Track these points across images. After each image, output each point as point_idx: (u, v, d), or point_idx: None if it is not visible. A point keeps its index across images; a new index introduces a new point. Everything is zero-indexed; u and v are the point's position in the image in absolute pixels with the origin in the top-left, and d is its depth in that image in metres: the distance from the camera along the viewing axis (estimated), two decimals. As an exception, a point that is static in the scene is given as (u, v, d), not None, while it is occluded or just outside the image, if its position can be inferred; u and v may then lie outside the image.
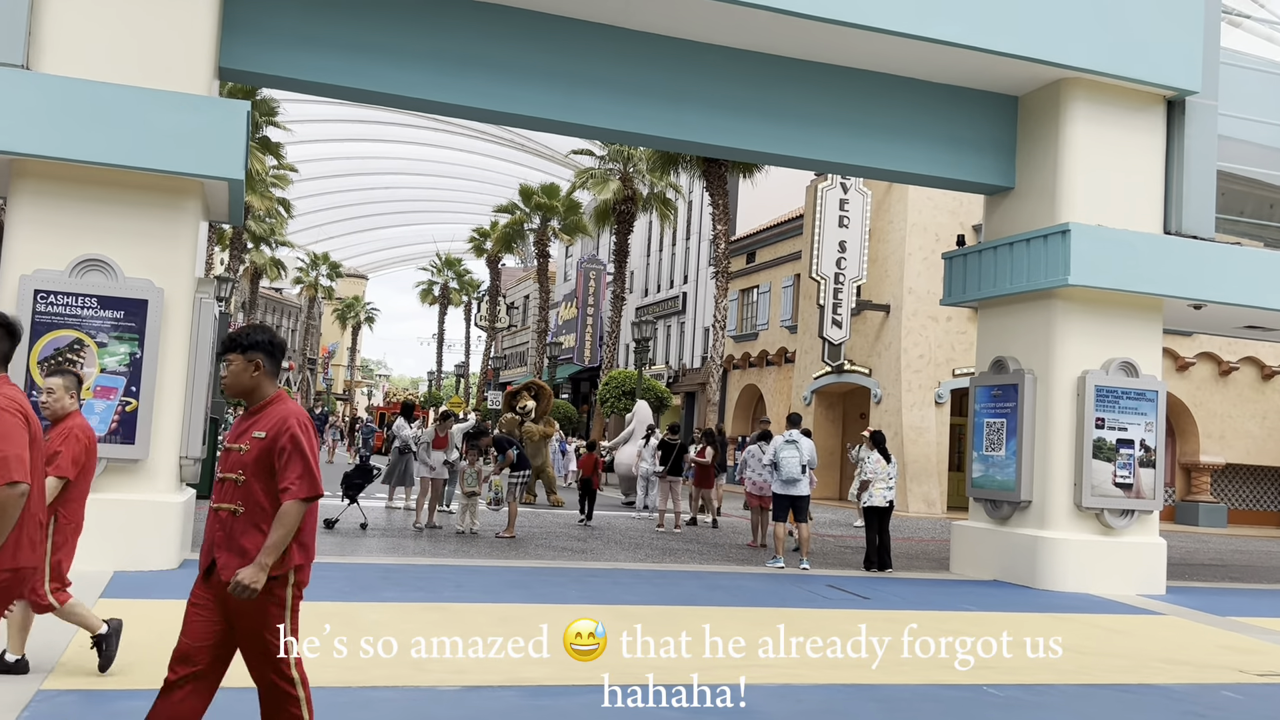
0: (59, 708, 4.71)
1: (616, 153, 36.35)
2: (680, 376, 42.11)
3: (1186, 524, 27.50)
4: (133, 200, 9.10)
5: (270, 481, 3.69)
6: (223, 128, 9.07)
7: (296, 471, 3.66)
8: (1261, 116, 12.60)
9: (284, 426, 3.72)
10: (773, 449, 12.65)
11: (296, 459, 3.68)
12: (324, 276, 79.55)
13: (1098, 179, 11.67)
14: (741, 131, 11.50)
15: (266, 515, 3.68)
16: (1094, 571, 11.26)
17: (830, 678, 6.35)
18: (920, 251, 26.25)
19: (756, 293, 36.53)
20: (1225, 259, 11.93)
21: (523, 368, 61.10)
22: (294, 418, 3.75)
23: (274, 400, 3.83)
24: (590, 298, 49.85)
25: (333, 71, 10.22)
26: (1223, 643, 8.57)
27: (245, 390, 3.82)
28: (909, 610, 9.21)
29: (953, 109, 12.13)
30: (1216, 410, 28.16)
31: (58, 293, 8.74)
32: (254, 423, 3.77)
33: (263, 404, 3.82)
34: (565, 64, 10.78)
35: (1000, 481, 12.04)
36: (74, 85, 8.66)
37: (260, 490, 3.70)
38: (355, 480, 14.22)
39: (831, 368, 28.02)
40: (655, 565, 11.88)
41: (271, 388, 3.84)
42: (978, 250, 12.81)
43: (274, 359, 3.85)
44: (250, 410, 3.83)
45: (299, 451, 3.68)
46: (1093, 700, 6.22)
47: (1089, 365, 11.61)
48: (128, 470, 8.92)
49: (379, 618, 7.25)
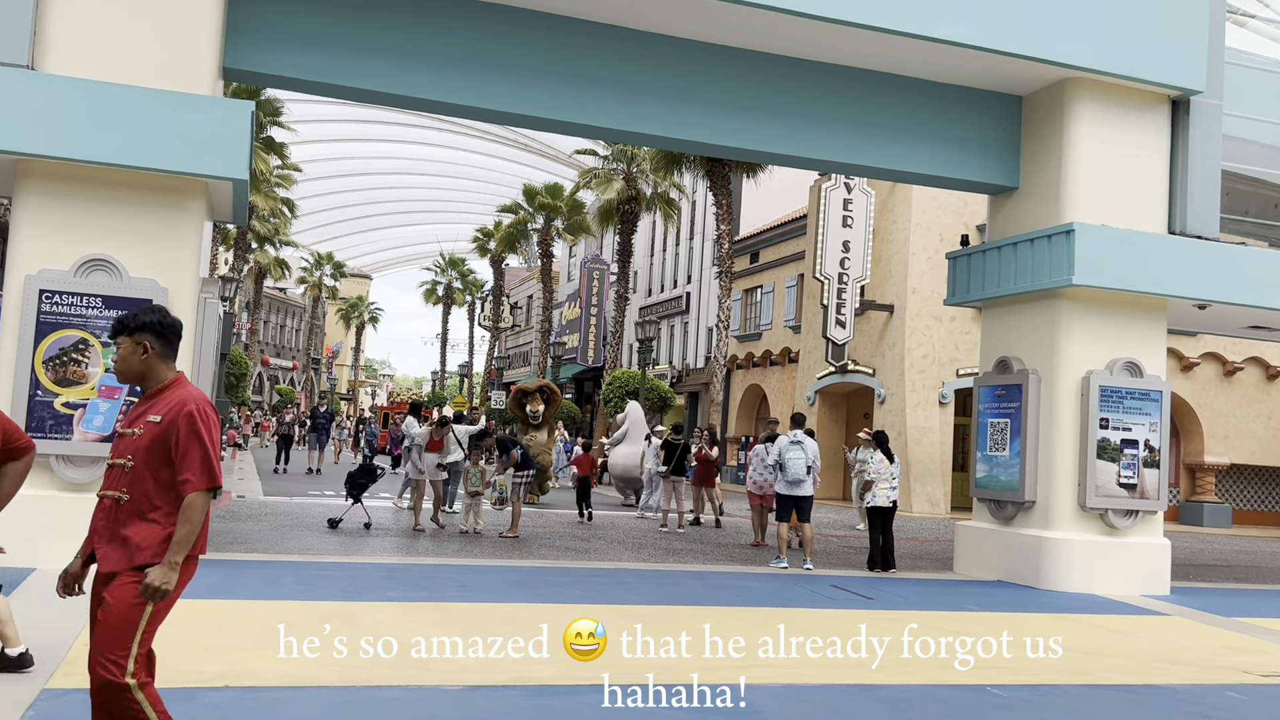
0: (64, 706, 4.71)
1: (620, 152, 36.35)
2: (684, 376, 42.09)
3: (1191, 524, 27.44)
4: (137, 200, 9.11)
5: (161, 470, 3.50)
6: (227, 128, 9.09)
7: (196, 461, 3.47)
8: (1266, 116, 12.57)
9: (181, 411, 3.51)
10: (777, 449, 12.60)
11: (195, 447, 3.48)
12: (328, 276, 79.54)
13: (1102, 179, 11.65)
14: (746, 131, 11.50)
15: (152, 505, 3.49)
16: (1098, 572, 11.25)
17: (833, 678, 6.34)
18: (924, 251, 26.23)
19: (760, 293, 36.51)
20: (1230, 259, 11.90)
21: (526, 367, 61.12)
22: (193, 402, 3.54)
23: (172, 384, 3.64)
24: (594, 298, 49.85)
25: (337, 72, 10.24)
26: (1227, 643, 8.56)
27: (136, 374, 3.64)
28: (913, 610, 9.20)
29: (957, 109, 12.12)
30: (1221, 410, 28.11)
31: (63, 292, 8.76)
32: (150, 407, 3.58)
33: (160, 388, 3.63)
34: (569, 64, 10.79)
35: (1004, 482, 12.02)
36: (79, 85, 8.68)
37: (149, 478, 3.50)
38: (359, 480, 14.23)
39: (835, 368, 28.00)
40: (658, 565, 11.88)
41: (167, 371, 3.66)
42: (982, 250, 12.80)
43: (165, 340, 3.65)
44: (147, 394, 3.65)
45: (197, 438, 3.48)
46: (1097, 701, 6.21)
47: (1093, 365, 11.59)
48: (132, 470, 8.92)
49: (383, 617, 7.25)
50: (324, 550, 11.35)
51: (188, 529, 3.44)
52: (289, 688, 5.32)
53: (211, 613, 7.06)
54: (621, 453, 21.69)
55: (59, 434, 8.68)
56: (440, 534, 13.76)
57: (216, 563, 9.53)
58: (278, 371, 75.77)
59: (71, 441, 8.70)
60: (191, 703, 4.92)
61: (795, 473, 12.20)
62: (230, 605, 7.44)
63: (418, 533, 13.83)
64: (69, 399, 8.76)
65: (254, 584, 8.51)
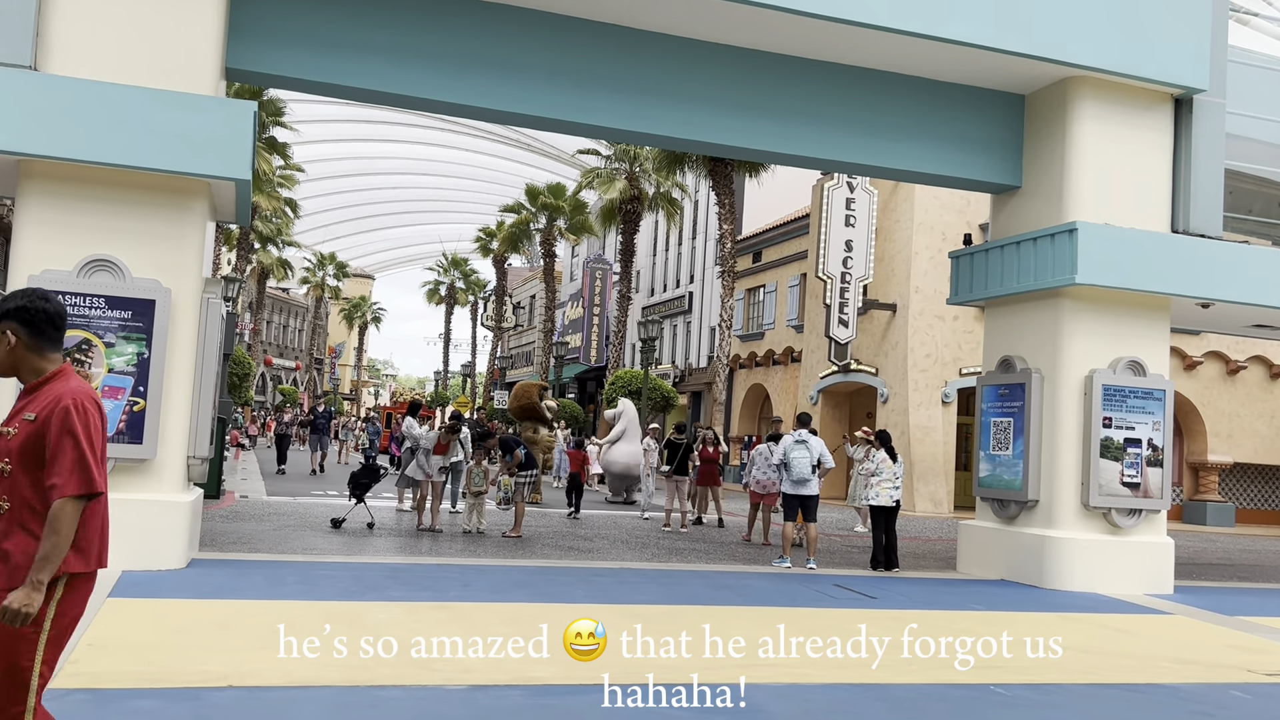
0: (68, 707, 4.72)
1: (623, 152, 36.36)
2: (686, 376, 42.09)
3: (1194, 523, 27.42)
4: (140, 201, 9.12)
5: (38, 474, 3.10)
6: (229, 128, 9.09)
7: (68, 464, 3.05)
8: (1269, 114, 12.55)
9: (56, 407, 3.10)
10: (782, 449, 12.57)
11: (68, 447, 3.06)
12: (331, 276, 79.66)
13: (1105, 177, 11.64)
14: (748, 130, 11.50)
15: (35, 514, 3.09)
16: (1101, 571, 11.24)
17: (836, 677, 6.34)
18: (927, 250, 26.21)
19: (763, 292, 36.51)
20: (1233, 257, 11.89)
21: (529, 367, 61.14)
22: (69, 397, 3.13)
23: (53, 377, 3.22)
24: (596, 297, 49.88)
25: (339, 72, 10.24)
26: (1231, 642, 8.55)
27: (6, 368, 3.24)
28: (916, 610, 9.20)
29: (960, 108, 12.11)
30: (1224, 409, 28.08)
31: (66, 293, 8.76)
32: (27, 403, 3.18)
33: (38, 382, 3.22)
34: (571, 63, 10.79)
35: (1007, 481, 12.02)
36: (81, 86, 8.69)
37: (27, 484, 3.10)
38: (362, 480, 14.24)
39: (838, 367, 27.99)
40: (661, 565, 11.88)
41: (44, 362, 3.23)
42: (984, 249, 12.79)
43: (34, 328, 3.21)
44: (26, 389, 3.24)
45: (71, 438, 3.07)
46: (1100, 700, 6.21)
47: (1096, 364, 11.58)
48: (135, 470, 8.94)
49: (386, 617, 7.26)
50: (327, 550, 11.36)
51: (53, 541, 3.00)
52: (294, 687, 5.33)
53: (216, 613, 7.08)
54: (622, 450, 21.64)
55: (62, 434, 8.69)
56: (443, 534, 13.76)
57: (220, 563, 9.55)
58: (280, 372, 75.86)
59: (75, 442, 8.70)
60: (197, 702, 4.93)
61: (801, 472, 12.19)
62: (234, 605, 7.46)
63: (430, 531, 13.82)
64: (72, 399, 8.77)
65: (258, 584, 8.53)
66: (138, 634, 5.88)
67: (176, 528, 8.98)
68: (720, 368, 30.05)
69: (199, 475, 9.74)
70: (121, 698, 4.97)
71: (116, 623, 6.54)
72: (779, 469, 12.72)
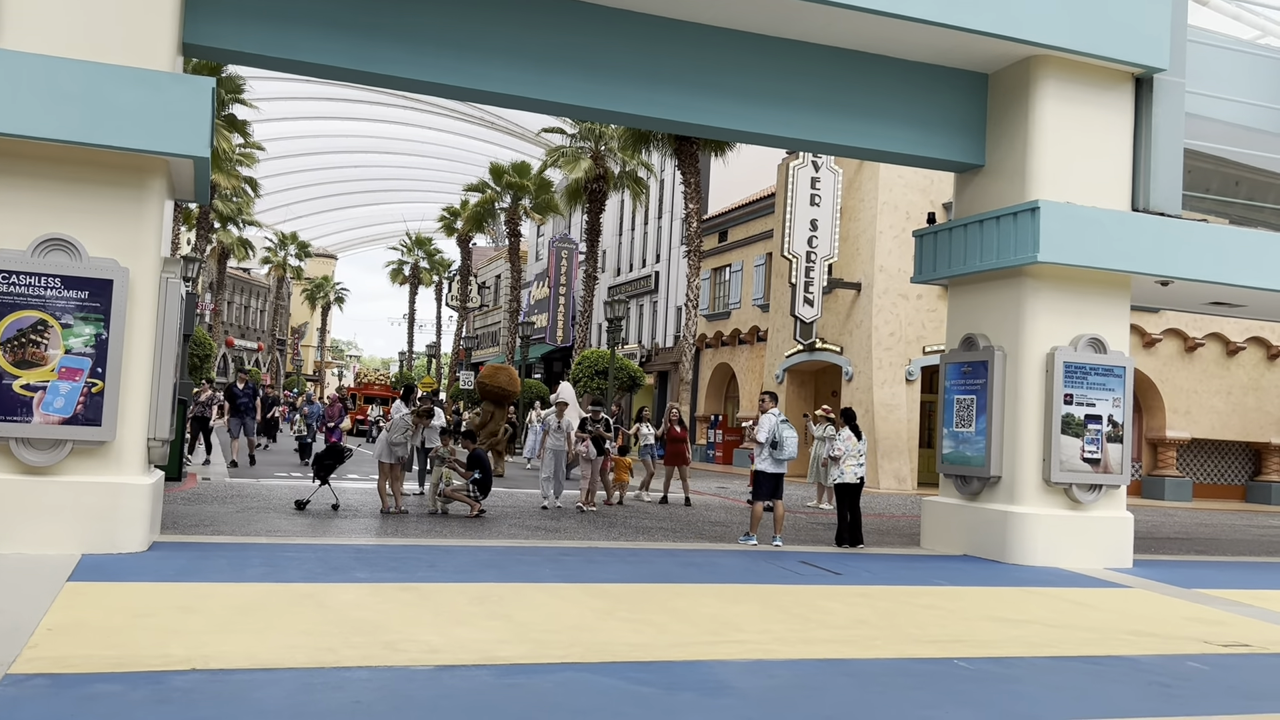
0: (27, 691, 4.65)
1: (588, 131, 36.18)
2: (653, 356, 42.13)
3: (1153, 498, 27.91)
4: (96, 179, 8.94)
5: None
6: (187, 105, 8.91)
7: None
8: (1228, 94, 12.70)
9: None
10: (770, 428, 11.93)
11: None
12: (292, 256, 78.83)
13: (1067, 156, 11.73)
14: (713, 109, 11.45)
15: None
16: (1062, 546, 11.40)
17: (802, 653, 6.38)
18: (891, 229, 26.35)
19: (729, 271, 36.56)
20: (1192, 235, 12.03)
21: (495, 347, 60.94)
22: None
23: None
24: (562, 277, 49.72)
25: (298, 48, 10.07)
26: (1188, 614, 8.71)
27: None
28: (880, 585, 9.28)
29: (923, 87, 12.14)
30: (1182, 386, 28.53)
31: (20, 273, 8.59)
32: None
33: None
34: (536, 41, 10.69)
35: (970, 457, 12.14)
36: (34, 61, 8.48)
37: None
38: (326, 461, 14.15)
39: (803, 346, 28.13)
40: (629, 544, 11.90)
41: None
42: (948, 228, 12.87)
43: None
44: None
45: None
46: (1061, 672, 6.30)
47: (1058, 342, 11.71)
48: (94, 452, 8.81)
49: (352, 598, 7.21)
50: (291, 532, 11.27)
51: None
52: (258, 669, 5.28)
53: (178, 596, 7.00)
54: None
55: (18, 417, 8.54)
56: (408, 515, 13.70)
57: (183, 545, 9.44)
58: (242, 353, 75.07)
59: (31, 424, 8.56)
60: (159, 685, 4.87)
61: (792, 451, 11.95)
62: (197, 588, 7.37)
63: (396, 513, 13.62)
64: (28, 381, 8.62)
65: (221, 566, 8.44)
66: (98, 618, 5.79)
67: (137, 510, 8.86)
68: (687, 347, 30.10)
69: (159, 457, 9.61)
70: (82, 682, 4.91)
71: (76, 607, 6.46)
72: (765, 448, 12.00)
